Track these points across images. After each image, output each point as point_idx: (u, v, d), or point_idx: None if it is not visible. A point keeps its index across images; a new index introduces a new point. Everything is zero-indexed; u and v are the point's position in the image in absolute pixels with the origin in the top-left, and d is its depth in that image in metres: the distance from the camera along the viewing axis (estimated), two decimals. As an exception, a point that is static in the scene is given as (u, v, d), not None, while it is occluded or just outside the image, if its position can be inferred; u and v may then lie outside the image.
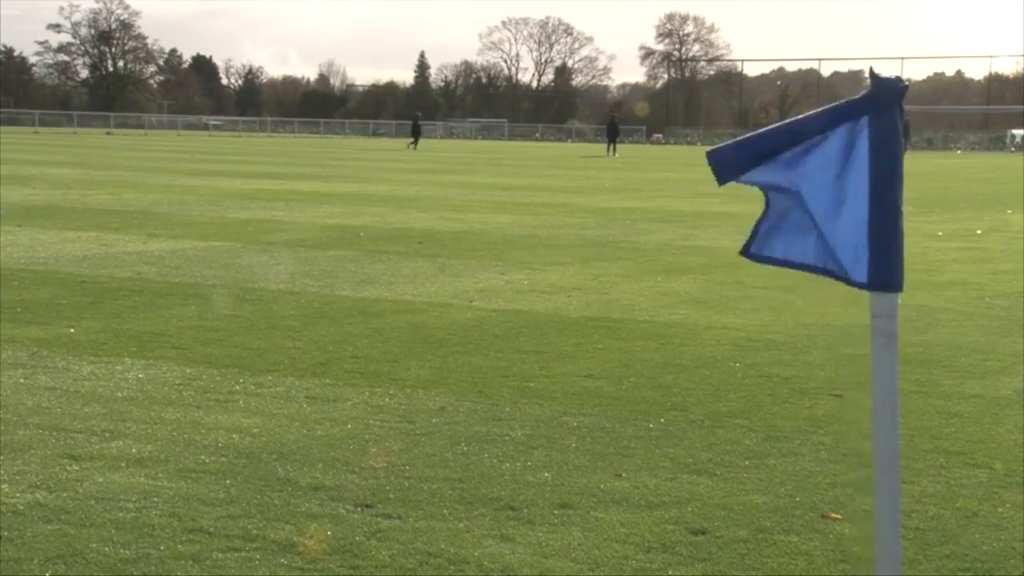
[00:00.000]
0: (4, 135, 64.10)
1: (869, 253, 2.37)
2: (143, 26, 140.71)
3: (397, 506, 4.41)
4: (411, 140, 62.19)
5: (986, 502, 4.61)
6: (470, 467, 4.93)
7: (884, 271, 2.38)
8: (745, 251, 2.50)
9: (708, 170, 2.46)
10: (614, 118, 61.93)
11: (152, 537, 4.03)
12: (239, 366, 6.87)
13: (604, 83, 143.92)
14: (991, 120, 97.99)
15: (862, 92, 2.39)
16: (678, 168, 43.58)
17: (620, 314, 9.09)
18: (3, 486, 4.55)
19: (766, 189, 2.45)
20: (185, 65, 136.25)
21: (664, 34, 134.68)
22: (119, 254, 12.46)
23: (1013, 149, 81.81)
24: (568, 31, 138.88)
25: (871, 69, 2.41)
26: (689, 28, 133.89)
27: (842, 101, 2.40)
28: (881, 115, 2.35)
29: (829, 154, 2.39)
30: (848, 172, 2.38)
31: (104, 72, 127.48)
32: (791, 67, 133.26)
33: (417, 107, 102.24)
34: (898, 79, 2.38)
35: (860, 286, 2.40)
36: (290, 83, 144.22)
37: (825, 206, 2.40)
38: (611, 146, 57.49)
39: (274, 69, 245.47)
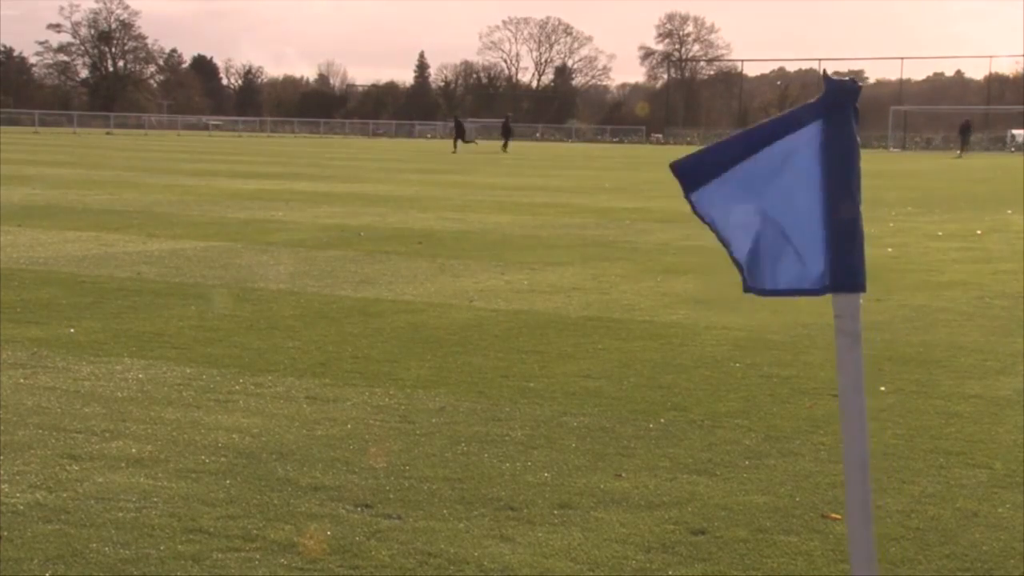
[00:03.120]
0: (4, 135, 64.10)
1: (829, 255, 2.38)
2: (143, 26, 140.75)
3: (397, 506, 4.41)
4: (504, 142, 62.15)
5: (986, 502, 4.61)
6: (470, 467, 4.93)
7: (845, 272, 2.39)
8: (745, 287, 2.50)
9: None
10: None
11: (152, 537, 4.03)
12: (239, 366, 6.87)
13: (604, 83, 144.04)
14: (991, 120, 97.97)
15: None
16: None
17: (620, 314, 9.09)
18: (3, 486, 4.55)
19: (718, 222, 2.44)
20: (185, 65, 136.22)
21: (664, 34, 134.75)
22: (119, 254, 12.46)
23: (1013, 149, 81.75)
24: (568, 31, 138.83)
25: (824, 71, 2.42)
26: (689, 28, 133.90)
27: (798, 107, 2.41)
28: (835, 117, 2.37)
29: (787, 159, 2.40)
30: (806, 176, 2.39)
31: (104, 72, 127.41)
32: (791, 67, 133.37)
33: (416, 107, 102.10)
34: (852, 80, 2.39)
35: (823, 290, 2.41)
36: (290, 83, 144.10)
37: (786, 213, 2.41)
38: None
39: (274, 69, 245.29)
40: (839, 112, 2.36)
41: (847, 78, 2.38)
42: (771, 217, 2.41)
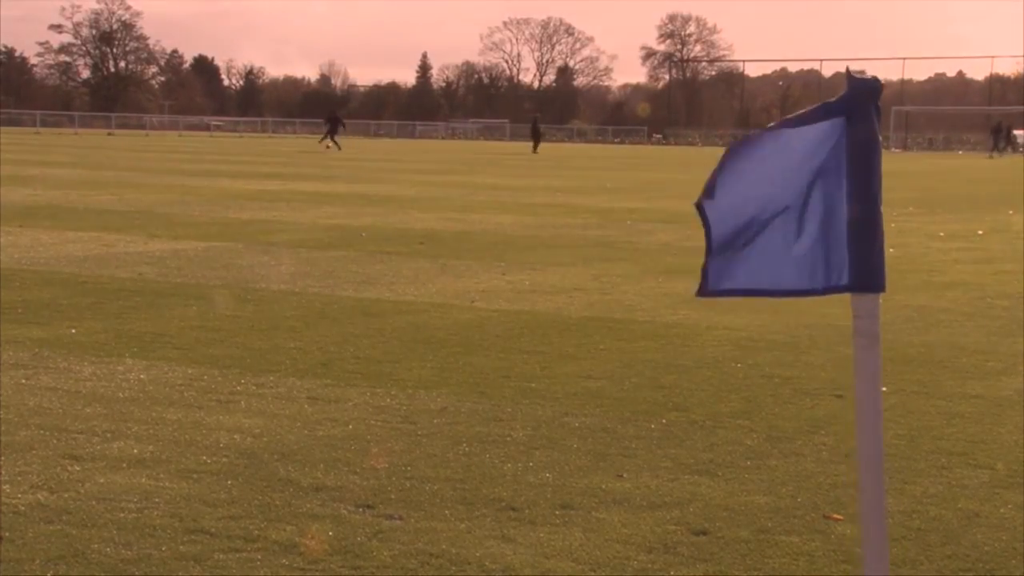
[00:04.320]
0: (5, 135, 64.12)
1: (850, 254, 2.36)
2: (144, 27, 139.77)
3: (399, 506, 4.41)
4: (534, 143, 61.77)
5: (988, 503, 4.61)
6: (471, 468, 4.93)
7: (865, 272, 2.37)
8: (701, 291, 2.49)
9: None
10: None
11: (153, 537, 4.03)
12: (240, 366, 6.87)
13: (605, 83, 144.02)
14: (992, 121, 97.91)
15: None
16: (679, 169, 43.57)
17: (621, 315, 9.09)
18: (4, 487, 4.55)
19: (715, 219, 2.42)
20: (186, 66, 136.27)
21: (666, 35, 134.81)
22: (120, 254, 12.47)
23: (1012, 150, 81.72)
24: (569, 31, 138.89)
25: (847, 69, 2.39)
26: (691, 29, 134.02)
27: (816, 105, 2.39)
28: (858, 116, 2.34)
29: (804, 158, 2.37)
30: (825, 175, 2.37)
31: (105, 73, 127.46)
32: (793, 67, 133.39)
33: (418, 108, 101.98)
34: (874, 79, 2.36)
35: (843, 289, 2.39)
36: (291, 83, 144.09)
37: (805, 210, 2.39)
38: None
39: (275, 69, 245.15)
40: (861, 111, 2.34)
41: (870, 76, 2.36)
42: (789, 213, 2.39)
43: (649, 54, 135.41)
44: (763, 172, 2.38)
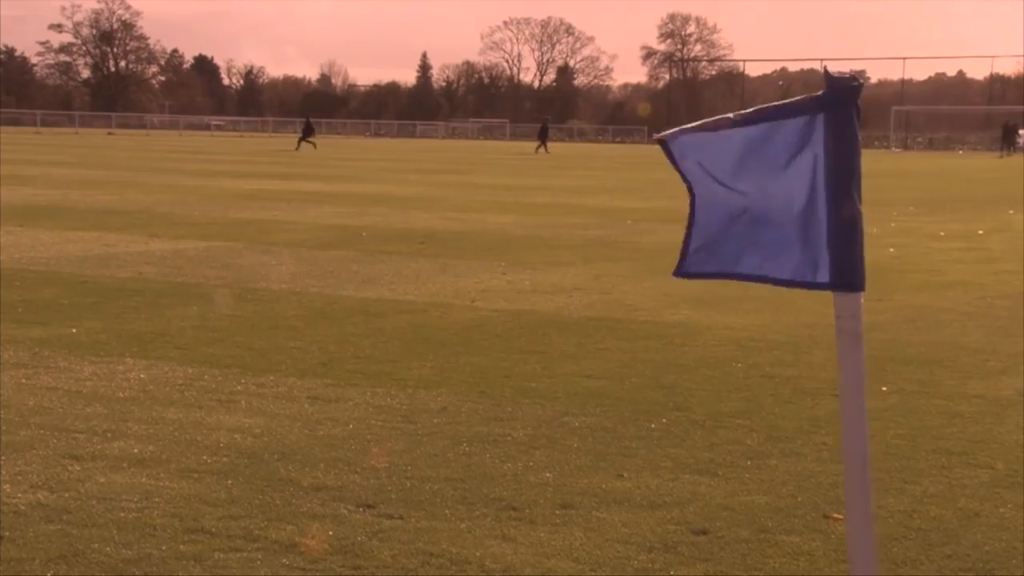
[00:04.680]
0: (5, 135, 64.11)
1: (830, 253, 2.36)
2: (144, 26, 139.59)
3: (399, 506, 4.41)
4: (539, 143, 61.75)
5: (988, 502, 4.61)
6: (472, 467, 4.93)
7: (846, 271, 2.37)
8: (678, 270, 2.51)
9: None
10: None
11: (154, 537, 4.03)
12: (241, 366, 6.87)
13: (606, 83, 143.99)
14: (993, 120, 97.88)
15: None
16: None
17: (622, 314, 9.09)
18: (5, 486, 4.55)
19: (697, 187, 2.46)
20: (186, 65, 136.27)
21: (666, 34, 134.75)
22: (121, 254, 12.46)
23: (1013, 149, 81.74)
24: (570, 31, 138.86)
25: (825, 68, 2.39)
26: (691, 28, 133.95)
27: (795, 99, 2.38)
28: (837, 114, 2.34)
29: (783, 153, 2.38)
30: (804, 173, 2.37)
31: (106, 72, 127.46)
32: (793, 67, 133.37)
33: (418, 107, 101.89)
34: (854, 77, 2.35)
35: (823, 287, 2.40)
36: (291, 83, 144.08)
37: (782, 208, 2.39)
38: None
39: (275, 69, 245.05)
40: (841, 109, 2.34)
41: (848, 74, 2.35)
42: (765, 205, 2.40)
43: (649, 54, 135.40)
44: (741, 161, 2.39)
